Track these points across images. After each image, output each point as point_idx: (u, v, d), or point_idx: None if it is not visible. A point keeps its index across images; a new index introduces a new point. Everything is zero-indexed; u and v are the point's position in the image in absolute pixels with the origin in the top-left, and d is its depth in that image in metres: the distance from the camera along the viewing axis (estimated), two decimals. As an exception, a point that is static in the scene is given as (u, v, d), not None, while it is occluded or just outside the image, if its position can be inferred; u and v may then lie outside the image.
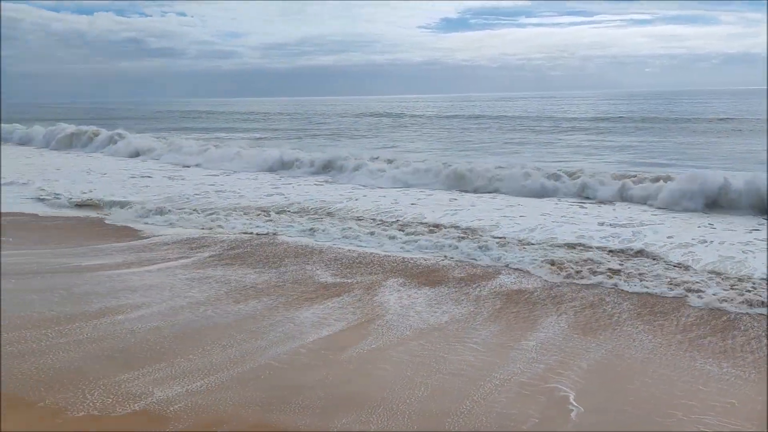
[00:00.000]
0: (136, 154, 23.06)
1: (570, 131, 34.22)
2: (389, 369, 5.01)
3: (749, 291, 6.71)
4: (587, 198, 13.11)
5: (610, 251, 8.60)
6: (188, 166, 20.09)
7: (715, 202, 11.49)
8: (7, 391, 4.52)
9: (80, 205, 12.80)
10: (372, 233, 9.85)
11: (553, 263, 7.92)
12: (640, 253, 8.50)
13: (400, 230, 10.11)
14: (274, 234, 10.01)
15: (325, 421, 4.18)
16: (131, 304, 6.51)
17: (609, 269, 7.66)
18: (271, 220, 11.08)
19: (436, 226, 10.47)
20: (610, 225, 10.37)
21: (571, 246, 8.95)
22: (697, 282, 7.04)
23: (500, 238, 9.52)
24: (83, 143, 26.52)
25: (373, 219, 11.27)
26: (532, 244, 9.11)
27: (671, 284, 7.02)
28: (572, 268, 7.67)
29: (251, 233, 10.06)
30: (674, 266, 7.83)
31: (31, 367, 4.91)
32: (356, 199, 13.46)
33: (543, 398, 4.50)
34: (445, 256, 8.50)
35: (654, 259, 8.17)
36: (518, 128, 37.93)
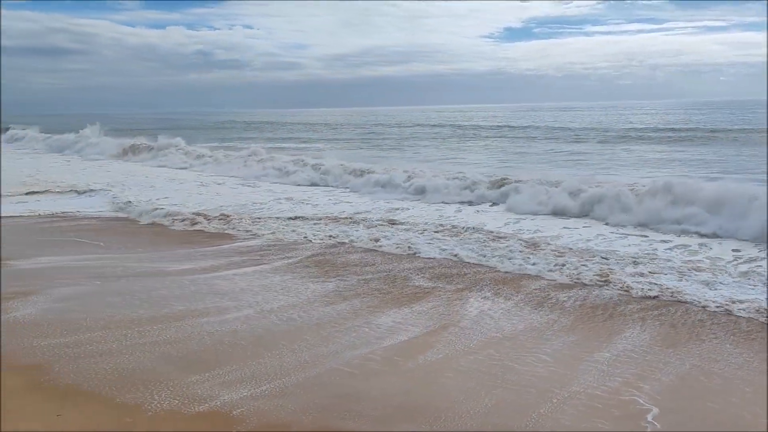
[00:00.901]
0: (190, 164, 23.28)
1: (639, 141, 33.10)
2: (454, 379, 4.95)
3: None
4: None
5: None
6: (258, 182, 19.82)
7: None
8: (85, 387, 4.74)
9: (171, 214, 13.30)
10: (458, 240, 10.00)
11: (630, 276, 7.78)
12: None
13: (484, 239, 10.10)
14: (356, 241, 10.11)
15: (381, 430, 4.17)
16: (214, 307, 6.71)
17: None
18: (354, 228, 11.23)
19: (532, 244, 10.33)
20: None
21: (636, 260, 8.64)
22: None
23: (584, 250, 9.37)
24: (151, 154, 27.40)
25: (454, 226, 11.35)
26: (608, 258, 8.87)
27: (759, 311, 6.57)
28: (645, 283, 7.45)
29: (335, 240, 10.22)
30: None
31: (108, 365, 5.13)
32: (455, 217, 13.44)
33: (617, 412, 4.35)
34: (527, 267, 8.39)
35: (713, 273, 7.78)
36: (582, 138, 36.92)
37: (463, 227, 11.21)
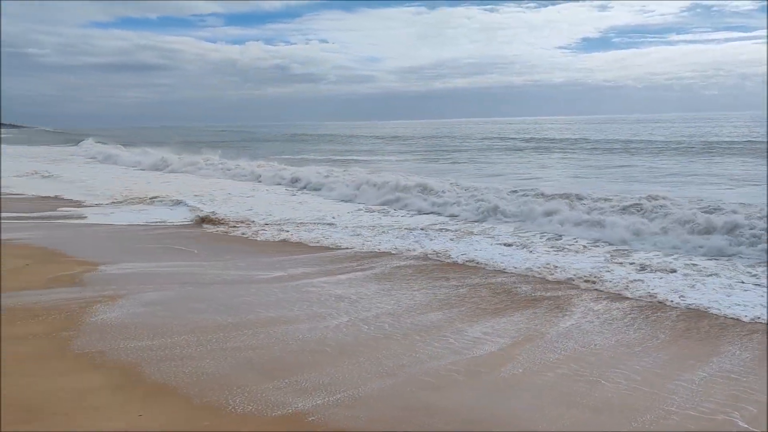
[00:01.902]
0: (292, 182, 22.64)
1: (728, 154, 31.37)
2: (531, 395, 4.79)
3: None
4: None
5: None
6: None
7: None
8: (167, 389, 4.89)
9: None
10: (559, 251, 10.05)
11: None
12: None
13: (585, 249, 10.02)
14: (446, 253, 10.07)
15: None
16: (299, 315, 6.81)
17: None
18: (443, 240, 11.26)
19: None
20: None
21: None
22: None
23: (692, 264, 9.06)
24: (224, 167, 27.81)
25: (560, 235, 11.46)
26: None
27: None
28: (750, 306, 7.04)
29: (423, 251, 10.25)
30: None
31: (189, 369, 5.26)
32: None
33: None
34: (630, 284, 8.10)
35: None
36: (665, 150, 35.35)
37: (561, 244, 10.94)
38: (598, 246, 10.54)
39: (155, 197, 17.53)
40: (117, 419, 4.33)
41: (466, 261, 9.56)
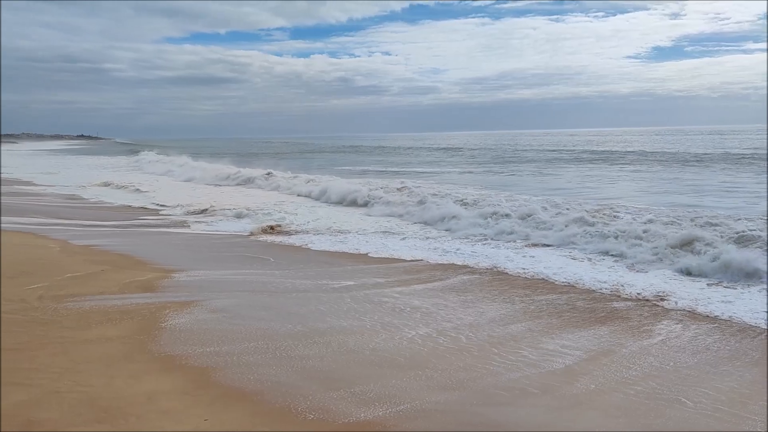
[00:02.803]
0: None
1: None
2: (597, 415, 4.62)
3: None
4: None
5: None
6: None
7: None
8: (232, 395, 4.97)
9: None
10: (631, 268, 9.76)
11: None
12: None
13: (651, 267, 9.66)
14: (518, 268, 9.92)
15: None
16: (375, 324, 6.84)
17: None
18: (514, 255, 11.08)
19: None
20: None
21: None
22: None
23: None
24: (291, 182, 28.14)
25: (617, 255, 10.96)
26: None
27: None
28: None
29: (494, 266, 10.12)
30: None
31: (254, 376, 5.35)
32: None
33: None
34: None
35: None
36: (743, 163, 33.46)
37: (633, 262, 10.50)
38: (663, 261, 10.06)
39: (216, 208, 18.01)
40: (185, 423, 4.44)
41: (534, 275, 9.39)
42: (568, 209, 14.72)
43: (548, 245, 11.87)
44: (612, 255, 10.79)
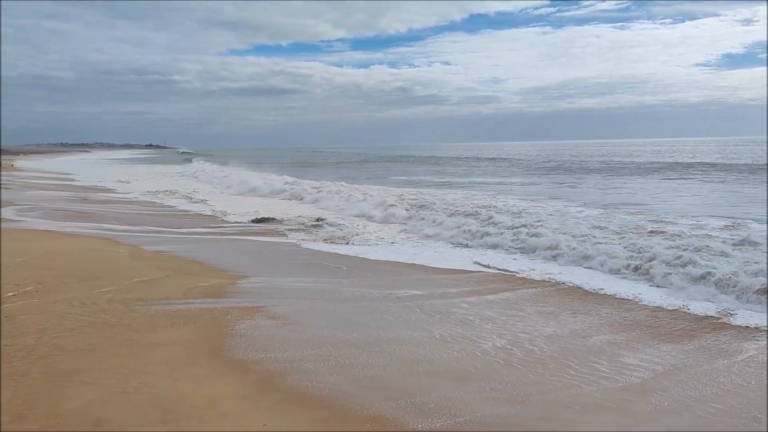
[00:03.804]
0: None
1: None
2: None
3: None
4: None
5: None
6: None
7: None
8: (290, 402, 5.01)
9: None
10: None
11: None
12: None
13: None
14: (586, 279, 9.78)
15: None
16: (446, 335, 6.78)
17: None
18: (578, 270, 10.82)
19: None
20: None
21: None
22: None
23: None
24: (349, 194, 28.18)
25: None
26: None
27: None
28: None
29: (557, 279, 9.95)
30: None
31: (311, 383, 5.36)
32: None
33: None
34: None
35: None
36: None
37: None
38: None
39: (277, 218, 18.33)
40: (244, 427, 4.49)
41: (598, 289, 9.14)
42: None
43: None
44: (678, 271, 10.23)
